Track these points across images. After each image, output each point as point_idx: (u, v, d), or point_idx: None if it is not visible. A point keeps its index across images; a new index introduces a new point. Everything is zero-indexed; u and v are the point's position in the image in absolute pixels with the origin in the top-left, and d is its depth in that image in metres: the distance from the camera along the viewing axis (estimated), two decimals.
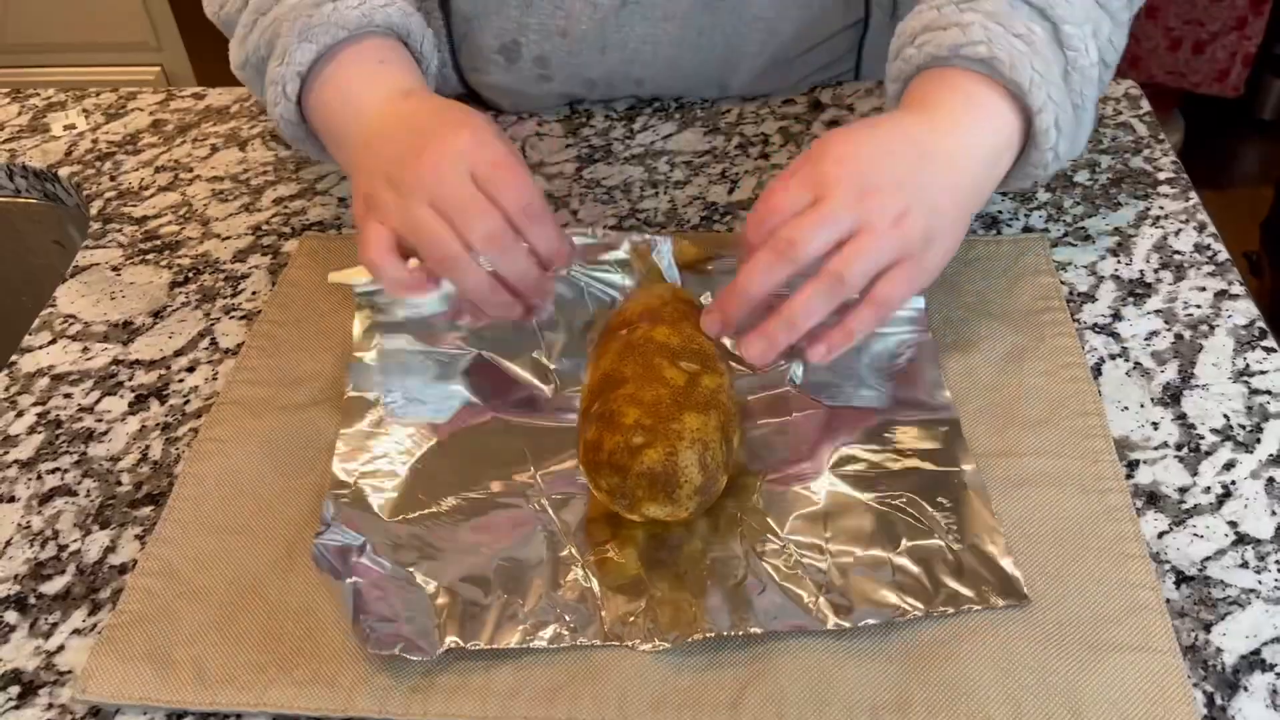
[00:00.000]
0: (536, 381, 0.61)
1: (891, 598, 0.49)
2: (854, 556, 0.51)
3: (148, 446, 0.61)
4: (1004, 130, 0.58)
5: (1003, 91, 0.57)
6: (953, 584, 0.50)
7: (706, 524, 0.53)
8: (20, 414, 0.64)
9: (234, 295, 0.71)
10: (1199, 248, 0.68)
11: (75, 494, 0.59)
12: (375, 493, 0.56)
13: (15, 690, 0.50)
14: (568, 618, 0.50)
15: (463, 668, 0.49)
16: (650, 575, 0.51)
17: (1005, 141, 0.58)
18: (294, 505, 0.57)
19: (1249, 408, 0.58)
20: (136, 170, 0.84)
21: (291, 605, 0.52)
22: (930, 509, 0.53)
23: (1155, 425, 0.58)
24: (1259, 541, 0.52)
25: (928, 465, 0.55)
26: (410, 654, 0.48)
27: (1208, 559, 0.51)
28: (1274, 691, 0.46)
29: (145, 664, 0.50)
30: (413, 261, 0.57)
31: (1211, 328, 0.63)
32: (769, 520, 0.53)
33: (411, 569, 0.52)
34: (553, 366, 0.62)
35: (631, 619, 0.49)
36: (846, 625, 0.48)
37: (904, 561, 0.51)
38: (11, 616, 0.53)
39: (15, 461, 0.61)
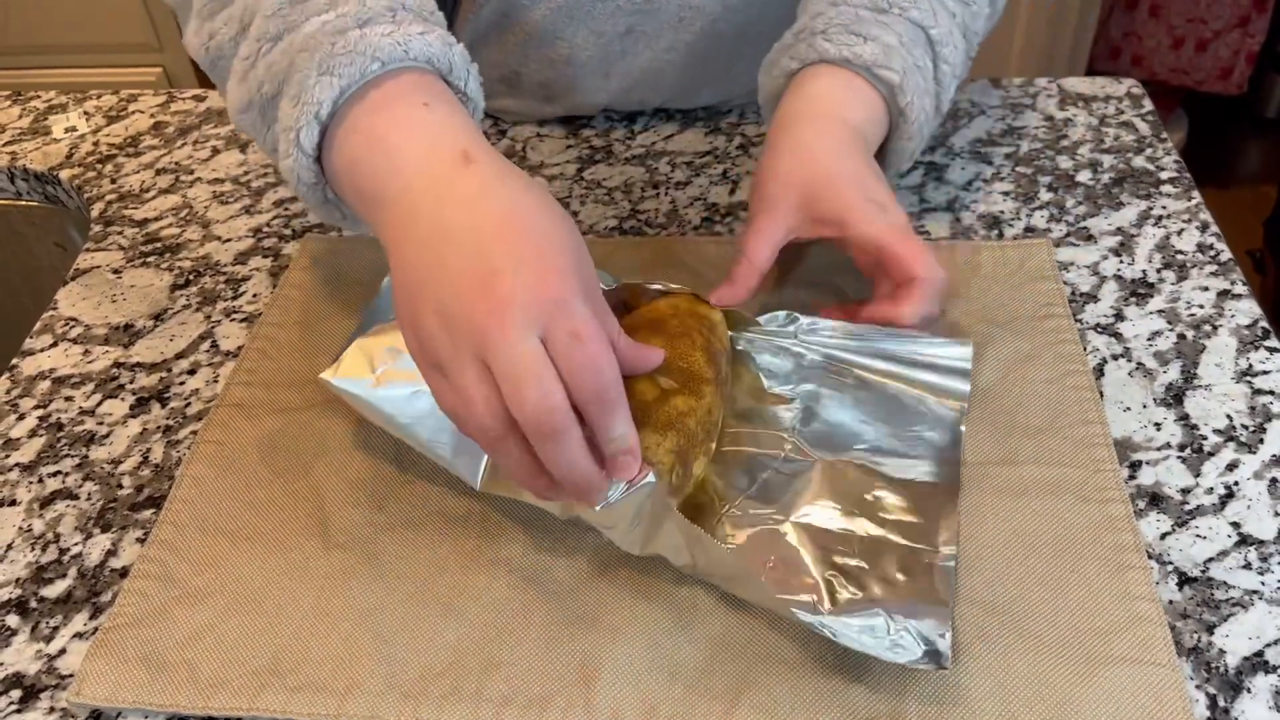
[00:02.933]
0: None
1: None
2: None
3: (149, 449, 0.61)
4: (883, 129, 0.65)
5: (885, 104, 0.64)
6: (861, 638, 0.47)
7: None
8: (21, 417, 0.64)
9: (235, 298, 0.71)
10: (1201, 247, 0.68)
11: (76, 497, 0.59)
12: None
13: (17, 694, 0.50)
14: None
15: (455, 674, 0.49)
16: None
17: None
18: (291, 509, 0.56)
19: (1252, 408, 0.58)
20: (137, 173, 0.84)
21: (286, 609, 0.52)
22: (875, 583, 0.50)
23: (1158, 426, 0.57)
24: (1262, 542, 0.52)
25: (897, 538, 0.52)
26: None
27: (1210, 560, 0.51)
28: (1277, 693, 0.46)
29: (139, 667, 0.50)
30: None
31: (1214, 328, 0.63)
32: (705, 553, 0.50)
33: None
34: None
35: None
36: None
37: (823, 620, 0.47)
38: (13, 620, 0.53)
39: (16, 465, 0.61)
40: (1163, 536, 0.52)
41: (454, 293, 0.45)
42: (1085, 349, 0.62)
